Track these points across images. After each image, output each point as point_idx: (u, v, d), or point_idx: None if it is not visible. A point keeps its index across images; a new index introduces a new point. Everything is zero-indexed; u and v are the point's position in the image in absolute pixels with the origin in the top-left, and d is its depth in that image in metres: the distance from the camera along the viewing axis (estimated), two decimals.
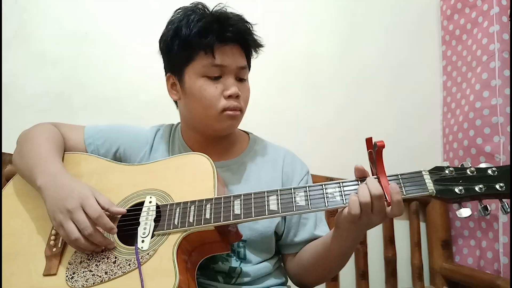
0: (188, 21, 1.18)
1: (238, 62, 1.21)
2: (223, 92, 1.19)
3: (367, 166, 1.03)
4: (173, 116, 1.39)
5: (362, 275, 1.96)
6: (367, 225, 0.99)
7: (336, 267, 1.22)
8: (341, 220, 1.01)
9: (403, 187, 0.97)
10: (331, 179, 1.89)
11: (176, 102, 1.33)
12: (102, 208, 1.02)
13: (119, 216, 1.08)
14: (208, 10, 1.23)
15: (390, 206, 0.95)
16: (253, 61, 1.33)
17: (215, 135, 1.28)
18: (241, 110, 1.23)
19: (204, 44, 1.17)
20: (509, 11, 1.88)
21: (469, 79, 2.02)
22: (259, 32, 1.28)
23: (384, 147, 0.95)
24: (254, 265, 1.23)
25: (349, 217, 0.97)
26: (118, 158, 1.31)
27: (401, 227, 2.08)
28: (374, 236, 2.02)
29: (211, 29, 1.16)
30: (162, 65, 1.31)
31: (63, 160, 1.23)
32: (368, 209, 0.95)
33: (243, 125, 1.37)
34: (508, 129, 1.78)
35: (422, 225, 2.10)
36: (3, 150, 1.62)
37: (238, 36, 1.20)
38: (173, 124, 1.40)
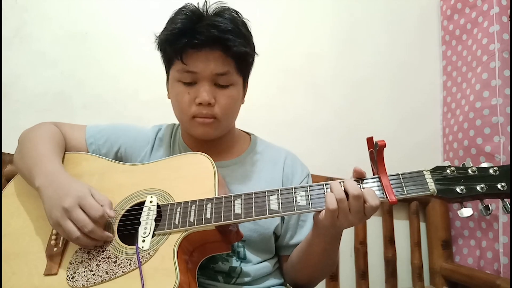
0: (169, 24, 1.19)
1: (214, 68, 1.15)
2: (195, 99, 1.17)
3: (367, 167, 1.03)
4: (173, 116, 1.39)
5: (362, 275, 1.96)
6: (344, 224, 0.99)
7: (323, 264, 1.21)
8: (319, 218, 1.01)
9: (404, 187, 0.97)
10: (332, 179, 1.89)
11: None
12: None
13: (120, 214, 1.08)
14: (198, 11, 1.18)
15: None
16: (255, 62, 1.30)
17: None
18: (216, 117, 1.19)
19: (175, 51, 1.15)
20: (509, 11, 1.88)
21: (469, 79, 2.02)
22: (260, 33, 1.27)
23: (385, 147, 0.95)
24: (254, 265, 1.23)
25: (326, 215, 0.97)
26: (119, 158, 1.31)
27: (401, 227, 2.08)
28: (374, 236, 2.02)
29: (184, 34, 1.13)
30: (163, 64, 1.31)
31: (64, 159, 1.23)
32: (345, 208, 0.95)
33: (243, 126, 1.37)
34: (508, 129, 1.78)
35: (422, 225, 2.10)
36: (3, 150, 1.62)
37: (213, 40, 1.13)
38: (174, 124, 1.40)
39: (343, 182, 0.98)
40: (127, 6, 2.01)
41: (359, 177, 1.01)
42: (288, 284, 1.34)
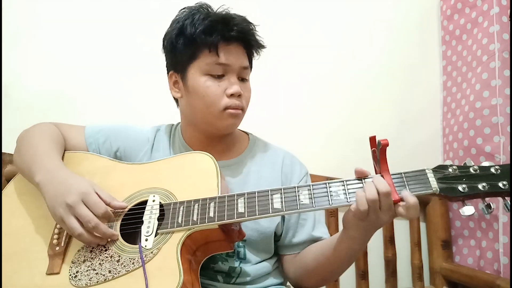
0: (193, 20, 1.19)
1: (241, 62, 1.22)
2: (225, 91, 1.19)
3: (367, 167, 1.03)
4: (173, 116, 1.39)
5: (362, 275, 1.96)
6: (376, 223, 0.99)
7: (340, 270, 1.21)
8: (350, 219, 1.01)
9: (407, 185, 0.97)
10: (331, 179, 1.89)
11: (176, 100, 1.33)
12: (104, 202, 1.03)
13: (123, 213, 1.08)
14: (212, 10, 1.24)
15: (402, 207, 0.95)
16: (255, 62, 1.33)
17: (216, 134, 1.28)
18: (243, 109, 1.24)
19: (209, 42, 1.17)
20: (509, 11, 1.88)
21: (469, 79, 2.03)
22: (261, 33, 1.28)
23: (388, 146, 0.95)
24: (254, 264, 1.23)
25: (357, 214, 0.96)
26: (118, 157, 1.31)
27: (401, 227, 2.08)
28: (374, 236, 1.97)
29: (216, 28, 1.17)
30: (163, 64, 1.32)
31: (64, 159, 1.23)
32: (376, 206, 0.95)
33: (243, 126, 1.37)
34: (508, 129, 1.78)
35: (422, 225, 2.11)
36: (3, 150, 1.62)
37: (242, 36, 1.21)
38: (172, 124, 1.41)
39: (371, 179, 0.98)
40: (127, 6, 2.01)
41: (362, 177, 1.01)
42: (288, 284, 1.34)
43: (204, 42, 1.18)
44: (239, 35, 1.20)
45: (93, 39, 1.97)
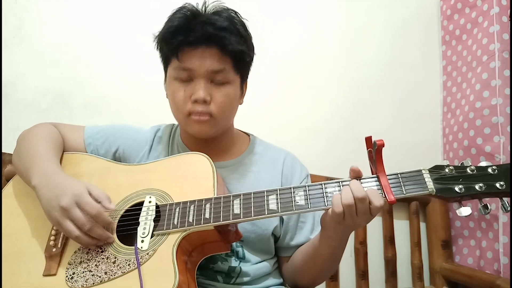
0: (166, 23, 1.19)
1: (209, 65, 1.15)
2: (191, 96, 1.17)
3: (367, 167, 1.03)
4: (172, 116, 1.39)
5: (362, 275, 1.96)
6: (353, 226, 1.00)
7: (327, 268, 1.22)
8: (327, 221, 1.02)
9: (403, 186, 0.97)
10: (331, 179, 1.89)
11: None
12: (96, 201, 1.03)
13: (119, 214, 1.09)
14: (196, 9, 1.19)
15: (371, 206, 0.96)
16: (256, 62, 1.30)
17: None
18: (211, 115, 1.18)
19: (170, 49, 1.16)
20: (509, 11, 1.88)
21: (469, 79, 2.02)
22: (257, 32, 1.27)
23: (383, 146, 0.95)
24: (253, 264, 1.23)
25: (334, 217, 0.97)
26: (117, 158, 1.31)
27: (401, 227, 2.08)
28: (374, 236, 2.02)
29: (180, 31, 1.14)
30: (162, 64, 1.32)
31: (62, 160, 1.23)
32: (352, 210, 0.95)
33: (242, 126, 1.37)
34: (508, 129, 1.78)
35: (422, 225, 2.10)
36: (3, 150, 1.62)
37: (208, 37, 1.14)
38: (173, 124, 1.41)
39: (348, 183, 0.98)
40: (127, 6, 2.01)
41: (357, 176, 1.01)
42: (287, 284, 1.34)
43: (168, 47, 1.17)
44: (203, 37, 1.13)
45: (93, 39, 1.97)
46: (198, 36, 1.13)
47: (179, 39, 1.14)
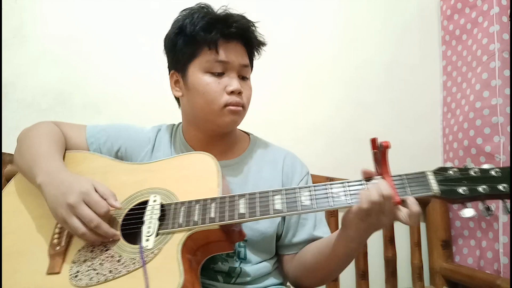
0: (192, 18, 1.21)
1: (241, 59, 1.24)
2: (225, 88, 1.20)
3: (365, 166, 1.03)
4: (173, 116, 1.40)
5: (362, 275, 1.96)
6: (376, 225, 1.00)
7: (338, 269, 1.22)
8: (350, 218, 1.02)
9: (407, 187, 0.97)
10: (331, 179, 1.90)
11: (178, 100, 1.34)
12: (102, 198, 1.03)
13: (124, 213, 1.09)
14: (212, 9, 1.25)
15: (404, 213, 0.96)
16: (256, 62, 1.34)
17: (217, 133, 1.28)
18: (243, 107, 1.24)
19: (208, 40, 1.19)
20: (509, 11, 1.88)
21: (469, 79, 2.02)
22: (261, 32, 1.29)
23: (389, 148, 0.96)
24: (254, 265, 1.23)
25: (359, 213, 0.97)
26: (119, 157, 1.31)
27: (401, 227, 2.08)
28: (374, 236, 1.98)
29: (215, 26, 1.19)
30: (164, 64, 1.32)
31: (64, 158, 1.23)
32: (378, 208, 0.95)
33: (243, 125, 1.37)
34: (508, 129, 1.78)
35: (422, 225, 2.11)
36: (3, 150, 1.62)
37: (241, 33, 1.23)
38: (174, 124, 1.41)
39: (376, 182, 0.98)
40: (127, 6, 2.01)
41: (368, 177, 1.01)
42: (287, 284, 1.34)
43: (204, 40, 1.19)
44: (238, 32, 1.22)
45: (93, 39, 1.97)
46: (234, 31, 1.21)
47: (218, 31, 1.19)
